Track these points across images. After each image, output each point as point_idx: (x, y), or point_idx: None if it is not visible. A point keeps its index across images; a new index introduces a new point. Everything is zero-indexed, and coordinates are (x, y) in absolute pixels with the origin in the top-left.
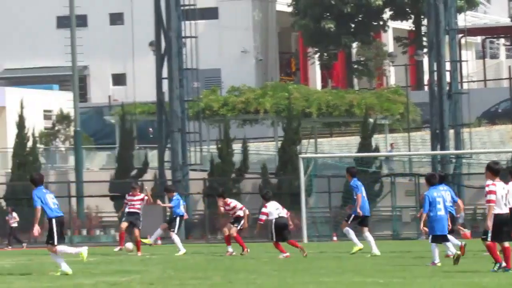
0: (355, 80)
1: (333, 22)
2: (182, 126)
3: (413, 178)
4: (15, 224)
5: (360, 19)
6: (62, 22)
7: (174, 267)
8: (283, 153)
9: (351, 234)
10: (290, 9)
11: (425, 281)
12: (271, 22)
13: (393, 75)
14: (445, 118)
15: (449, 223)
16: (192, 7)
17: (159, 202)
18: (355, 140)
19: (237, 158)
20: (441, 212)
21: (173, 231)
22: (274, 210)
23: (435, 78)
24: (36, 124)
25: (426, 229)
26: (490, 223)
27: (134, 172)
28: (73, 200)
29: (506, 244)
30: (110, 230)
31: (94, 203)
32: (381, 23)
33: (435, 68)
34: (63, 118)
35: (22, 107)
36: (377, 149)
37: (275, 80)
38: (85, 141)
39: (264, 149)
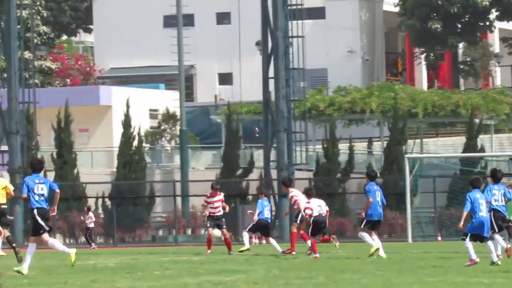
0: (461, 81)
1: (440, 22)
2: (288, 125)
3: None
4: (92, 225)
5: (466, 19)
6: (169, 21)
7: (278, 267)
8: (388, 153)
9: (366, 237)
10: (397, 9)
11: None
12: (378, 22)
13: (499, 76)
14: None
15: (500, 223)
16: (299, 6)
17: (249, 211)
18: (461, 140)
19: (342, 158)
20: (483, 213)
21: (245, 228)
22: (316, 207)
23: None
24: (142, 123)
25: (461, 226)
26: None
27: (239, 172)
28: (178, 199)
29: None
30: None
31: (199, 202)
32: (487, 23)
33: None
34: (169, 117)
35: (128, 106)
36: (482, 149)
37: (381, 80)
38: (190, 140)
39: (370, 149)
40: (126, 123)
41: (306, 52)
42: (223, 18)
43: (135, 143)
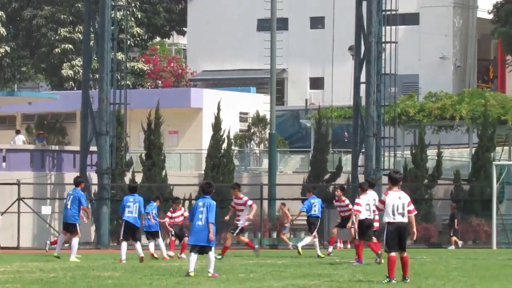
0: None
1: None
2: (377, 131)
3: None
4: None
5: None
6: (263, 25)
7: (363, 271)
8: (476, 159)
9: None
10: (490, 16)
11: None
12: (471, 28)
13: None
14: None
15: None
16: (393, 12)
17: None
18: None
19: (430, 164)
20: (200, 222)
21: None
22: (365, 206)
23: None
24: (231, 126)
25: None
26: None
27: (327, 176)
28: (265, 203)
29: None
30: (301, 234)
31: (286, 206)
32: None
33: None
34: (259, 120)
35: (219, 109)
36: None
37: (472, 87)
38: (279, 144)
39: (458, 156)
40: (216, 126)
41: (398, 57)
42: (317, 22)
43: (224, 145)
